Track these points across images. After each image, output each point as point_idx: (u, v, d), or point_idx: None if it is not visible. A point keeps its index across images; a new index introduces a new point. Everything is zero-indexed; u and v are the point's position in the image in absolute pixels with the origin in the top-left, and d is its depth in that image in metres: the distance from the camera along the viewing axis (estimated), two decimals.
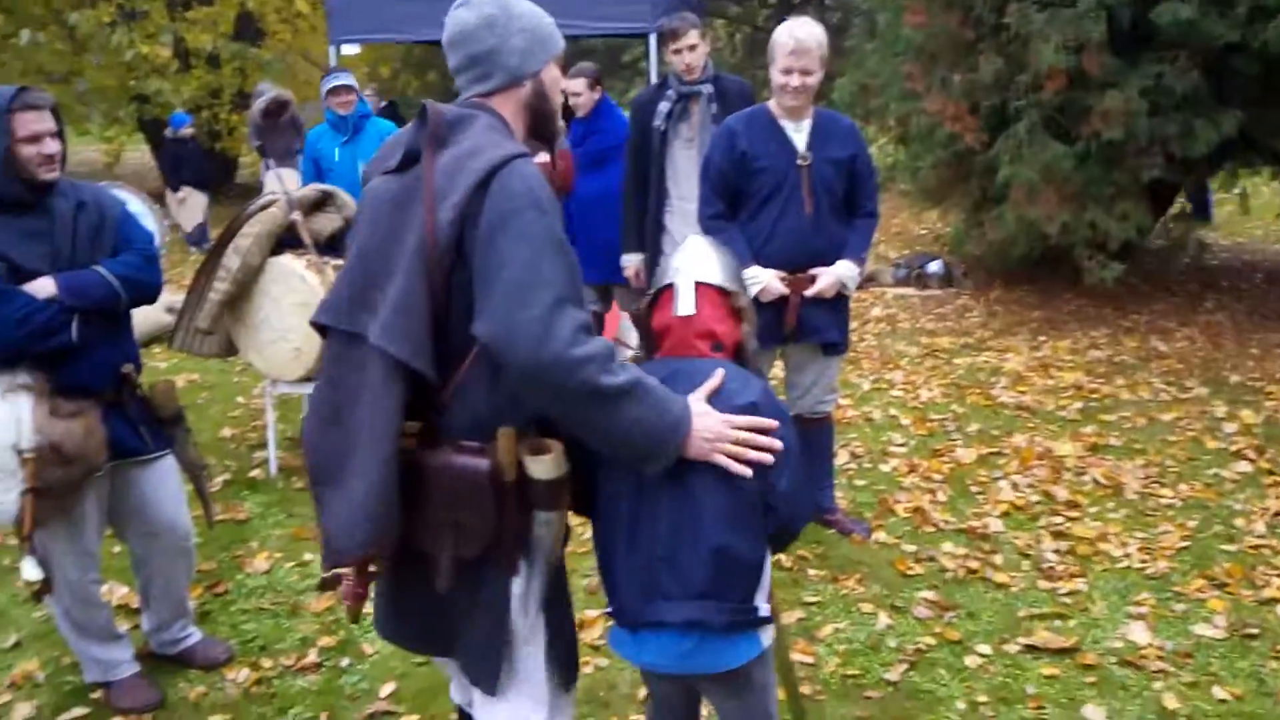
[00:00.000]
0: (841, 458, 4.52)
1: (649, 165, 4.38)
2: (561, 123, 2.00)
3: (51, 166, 2.50)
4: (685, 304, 1.96)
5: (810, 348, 3.59)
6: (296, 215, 4.18)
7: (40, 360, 2.52)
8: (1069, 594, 3.38)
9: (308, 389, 4.27)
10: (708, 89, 4.30)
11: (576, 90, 4.74)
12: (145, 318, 6.32)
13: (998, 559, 3.63)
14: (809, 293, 3.45)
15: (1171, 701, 2.79)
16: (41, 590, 2.60)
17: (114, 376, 2.70)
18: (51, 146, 2.48)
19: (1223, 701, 2.79)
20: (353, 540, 1.72)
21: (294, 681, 3.00)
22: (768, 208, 3.44)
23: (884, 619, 3.24)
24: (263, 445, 4.69)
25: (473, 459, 1.74)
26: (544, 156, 4.21)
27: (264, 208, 4.23)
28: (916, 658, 3.04)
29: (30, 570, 2.52)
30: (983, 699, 2.84)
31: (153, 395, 2.84)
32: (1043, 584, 3.45)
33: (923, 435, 4.86)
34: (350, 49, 9.36)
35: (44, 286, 2.50)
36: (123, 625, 3.10)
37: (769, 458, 1.81)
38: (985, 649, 3.07)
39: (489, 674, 1.83)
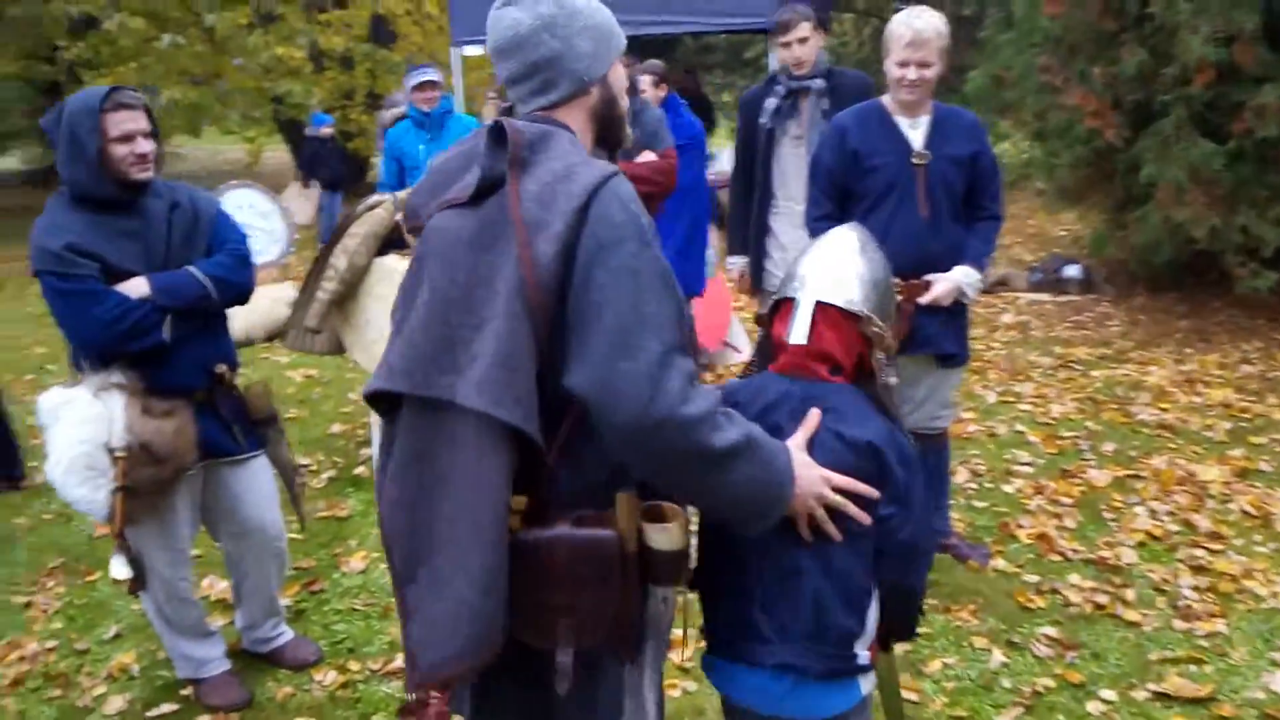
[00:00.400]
0: (960, 475, 4.26)
1: (755, 164, 4.22)
2: (629, 129, 1.82)
3: (145, 166, 2.51)
4: (799, 331, 1.74)
5: (925, 359, 3.36)
6: (400, 216, 4.17)
7: (133, 360, 2.54)
8: (1207, 636, 3.06)
9: None
10: (818, 84, 4.10)
11: (642, 88, 4.62)
12: (269, 314, 6.50)
13: (1129, 594, 3.32)
14: (924, 300, 3.22)
15: None
16: (132, 587, 2.63)
17: (206, 376, 2.70)
18: (144, 146, 2.49)
19: None
20: (452, 649, 1.48)
21: (379, 687, 2.97)
22: (880, 210, 3.22)
23: (998, 656, 3.00)
24: (369, 443, 4.73)
25: (595, 531, 1.52)
26: (649, 155, 4.08)
27: (371, 209, 4.24)
28: (1033, 700, 2.79)
29: (118, 569, 2.54)
30: None
31: (247, 396, 2.84)
32: (1178, 624, 3.14)
33: (1052, 454, 4.53)
34: (473, 50, 9.40)
35: (137, 286, 2.51)
36: (220, 620, 3.13)
37: (865, 518, 1.63)
38: (1110, 695, 2.80)
39: None
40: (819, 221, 3.31)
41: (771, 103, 4.15)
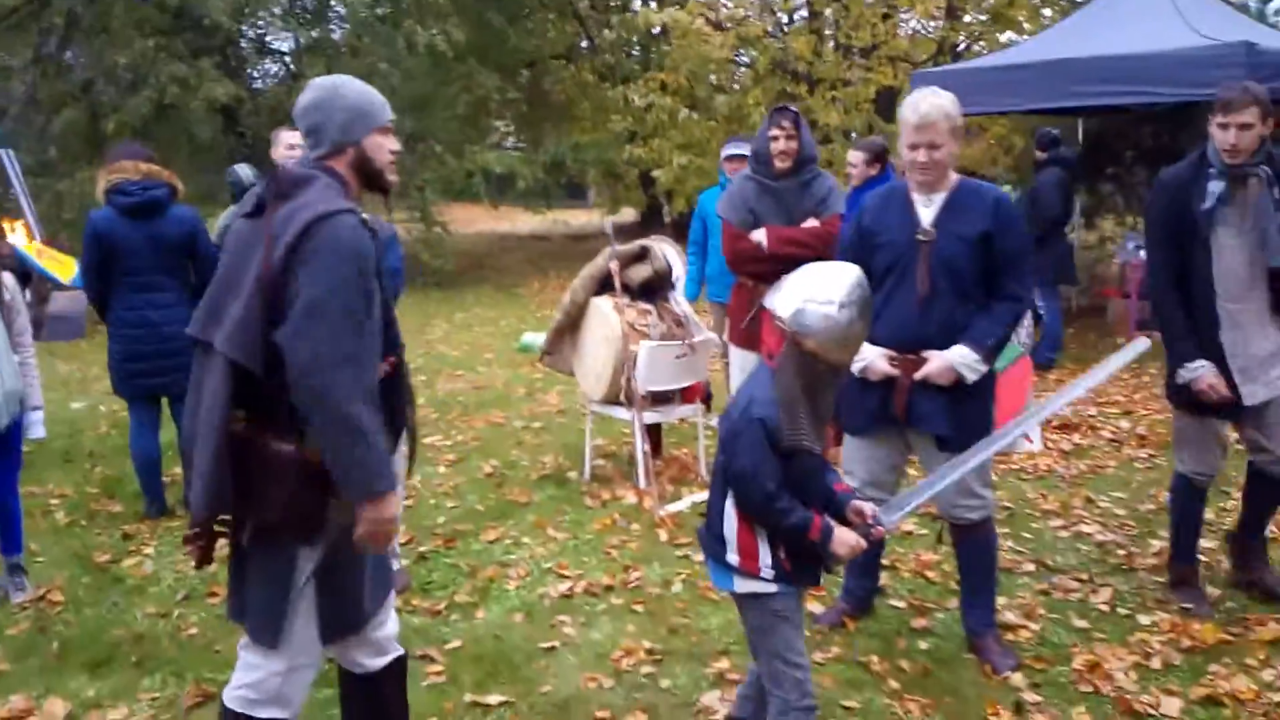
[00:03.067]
0: None
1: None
2: (394, 179, 2.51)
3: None
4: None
5: (927, 438, 3.30)
6: (614, 264, 5.01)
7: None
8: None
9: (612, 410, 5.09)
10: (1263, 171, 3.47)
11: (853, 162, 4.75)
12: None
13: None
14: (916, 376, 3.22)
15: None
16: None
17: None
18: None
19: None
20: (203, 502, 2.20)
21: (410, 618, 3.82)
22: (882, 286, 3.27)
23: None
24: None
25: (283, 444, 2.25)
26: (813, 221, 4.34)
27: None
28: None
29: None
30: None
31: None
32: None
33: None
34: None
35: None
36: None
37: None
38: None
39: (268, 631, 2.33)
40: None
41: (1214, 187, 3.49)
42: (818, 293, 2.40)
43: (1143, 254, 8.47)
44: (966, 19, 14.09)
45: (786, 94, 13.36)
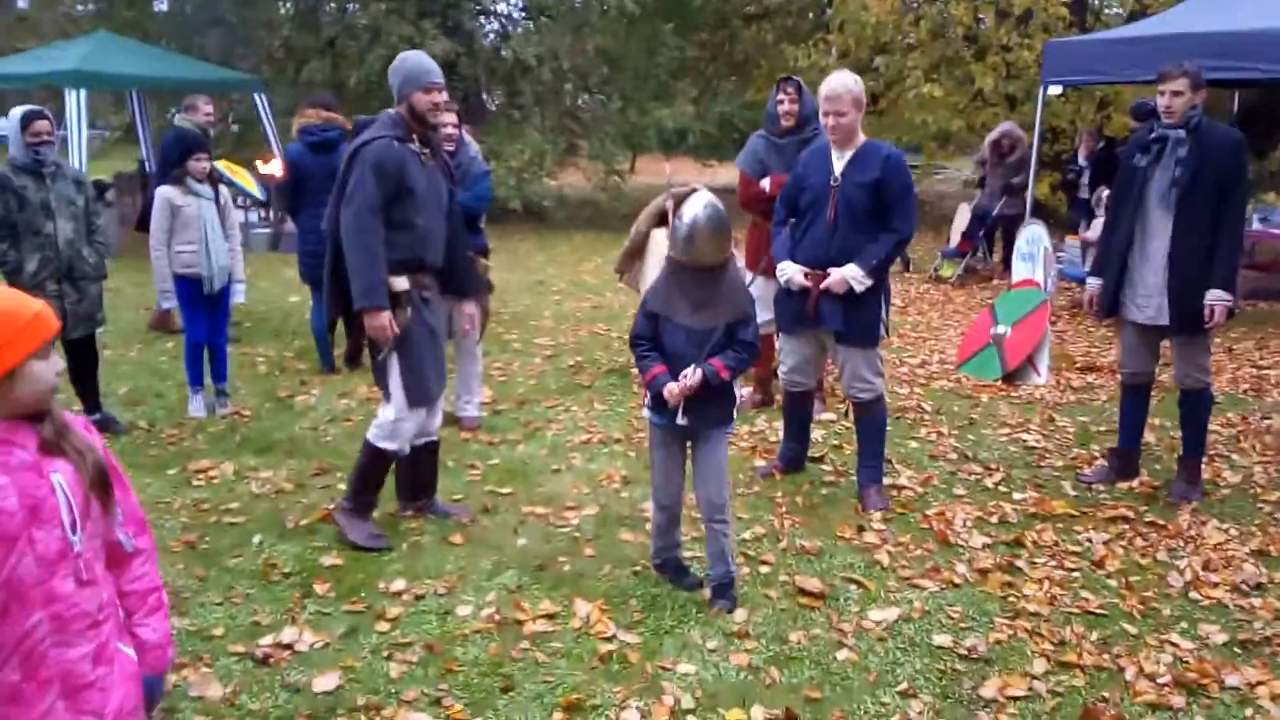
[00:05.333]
0: None
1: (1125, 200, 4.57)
2: (437, 121, 3.93)
3: None
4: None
5: (827, 334, 4.41)
6: (669, 203, 6.23)
7: None
8: None
9: None
10: (1177, 134, 4.35)
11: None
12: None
13: None
14: (821, 286, 4.32)
15: None
16: None
17: None
18: None
19: None
20: (330, 308, 4.08)
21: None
22: (804, 219, 4.40)
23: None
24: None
25: None
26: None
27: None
28: None
29: None
30: None
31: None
32: None
33: None
34: (1054, 90, 10.24)
35: None
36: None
37: None
38: None
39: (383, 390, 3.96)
40: (776, 225, 4.60)
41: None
42: (680, 214, 3.52)
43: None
44: None
45: (947, 58, 13.92)
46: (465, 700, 2.98)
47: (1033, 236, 7.49)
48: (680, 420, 3.40)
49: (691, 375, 3.32)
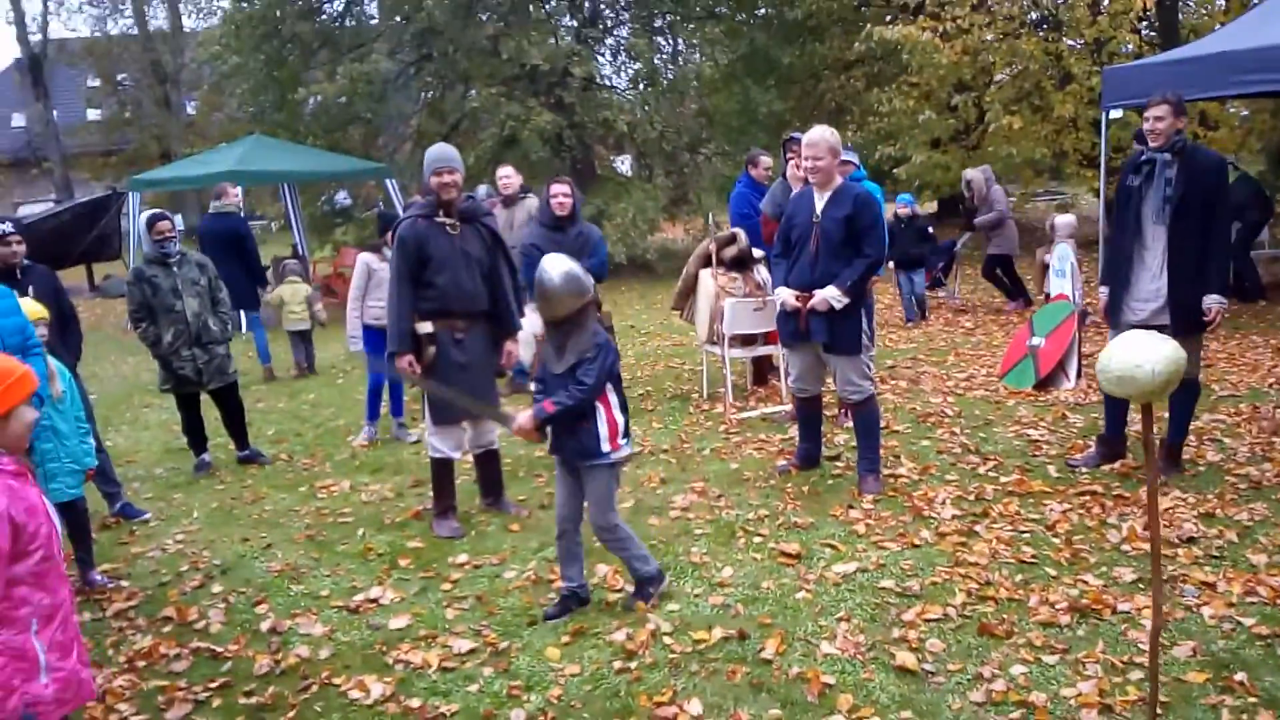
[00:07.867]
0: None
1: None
2: (449, 199, 4.96)
3: None
4: None
5: (815, 346, 5.20)
6: (713, 246, 7.14)
7: None
8: None
9: (714, 348, 7.24)
10: (1164, 157, 4.89)
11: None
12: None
13: None
14: (808, 305, 5.13)
15: None
16: None
17: None
18: None
19: None
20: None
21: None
22: (794, 250, 5.24)
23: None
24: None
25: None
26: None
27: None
28: None
29: None
30: None
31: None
32: None
33: None
34: (1115, 114, 10.68)
35: None
36: None
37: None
38: None
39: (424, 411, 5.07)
40: (775, 257, 5.44)
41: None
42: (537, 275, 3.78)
43: None
44: None
45: (1026, 90, 14.37)
46: (499, 631, 3.92)
47: (1062, 254, 8.00)
48: (549, 451, 4.01)
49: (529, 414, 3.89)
